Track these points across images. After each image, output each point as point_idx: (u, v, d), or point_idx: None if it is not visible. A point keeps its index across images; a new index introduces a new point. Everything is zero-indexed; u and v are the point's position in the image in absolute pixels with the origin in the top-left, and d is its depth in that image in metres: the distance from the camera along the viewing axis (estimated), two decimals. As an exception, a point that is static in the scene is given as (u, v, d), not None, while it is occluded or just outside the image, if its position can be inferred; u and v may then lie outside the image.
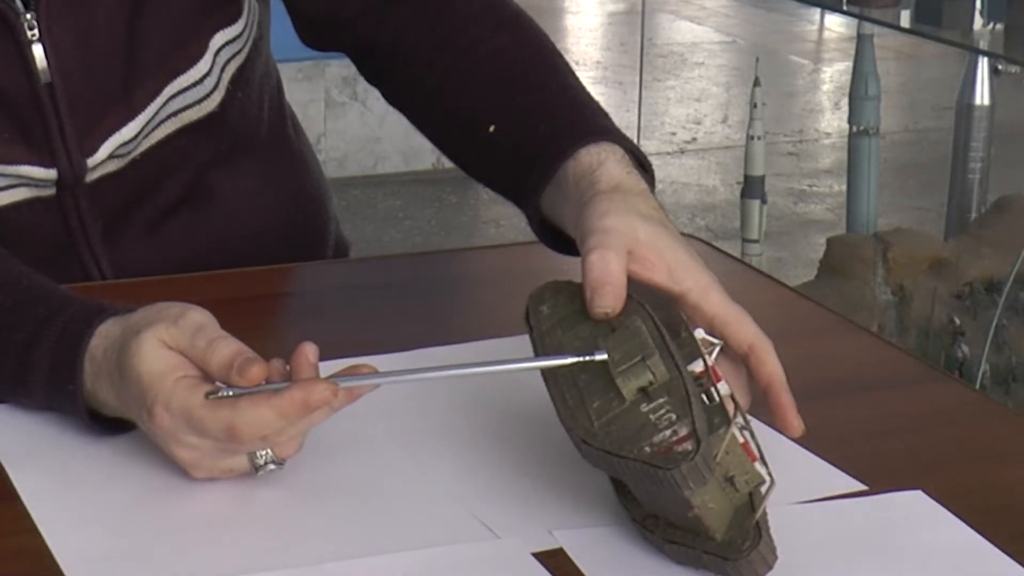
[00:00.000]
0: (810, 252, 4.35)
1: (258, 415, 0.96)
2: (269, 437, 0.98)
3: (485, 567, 0.94)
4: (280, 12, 1.39)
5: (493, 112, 1.25)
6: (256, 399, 0.96)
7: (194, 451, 0.99)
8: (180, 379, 0.98)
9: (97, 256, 1.30)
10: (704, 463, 0.89)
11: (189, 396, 0.97)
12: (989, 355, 3.08)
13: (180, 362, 0.99)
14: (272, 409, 0.96)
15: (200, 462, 0.99)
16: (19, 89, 1.23)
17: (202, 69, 1.29)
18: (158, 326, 1.00)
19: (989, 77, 3.67)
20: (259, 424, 0.96)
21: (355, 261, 1.54)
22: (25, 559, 0.93)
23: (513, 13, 1.31)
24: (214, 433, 0.97)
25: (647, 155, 1.19)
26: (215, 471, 1.00)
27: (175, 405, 0.97)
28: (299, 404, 0.96)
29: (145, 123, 1.27)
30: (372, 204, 4.73)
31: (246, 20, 1.32)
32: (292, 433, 0.99)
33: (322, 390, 0.96)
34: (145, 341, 0.99)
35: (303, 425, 0.98)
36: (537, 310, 1.03)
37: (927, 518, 0.99)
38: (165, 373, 0.98)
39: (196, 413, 0.97)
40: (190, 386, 0.98)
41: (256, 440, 0.97)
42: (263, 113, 1.40)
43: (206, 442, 0.98)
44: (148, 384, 0.98)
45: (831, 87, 6.26)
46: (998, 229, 3.49)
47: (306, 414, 0.97)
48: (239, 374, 0.96)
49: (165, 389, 0.98)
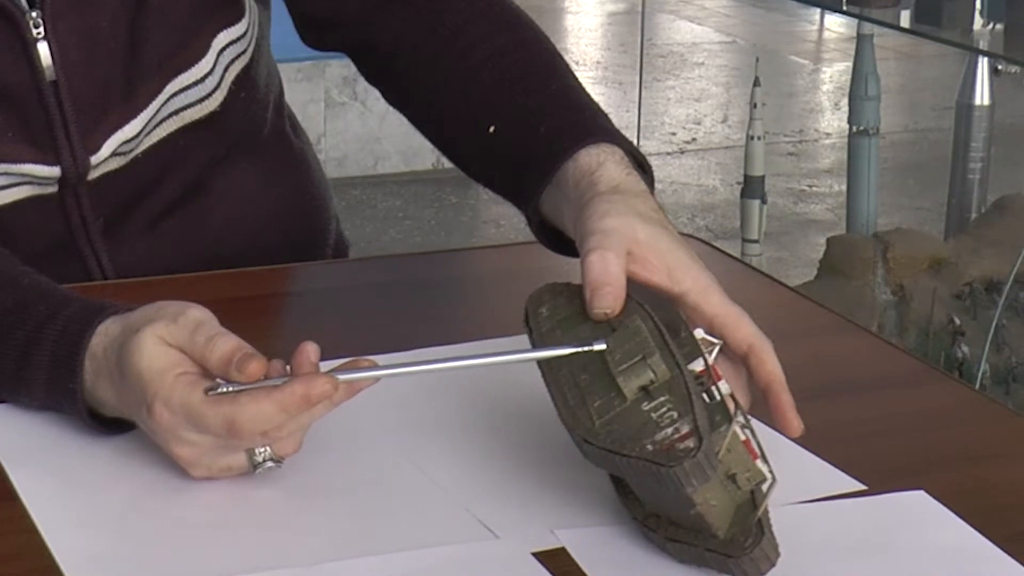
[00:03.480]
0: (810, 252, 4.35)
1: (259, 410, 0.96)
2: (269, 432, 0.97)
3: (485, 567, 0.93)
4: (280, 13, 1.39)
5: (493, 113, 1.25)
6: (256, 394, 0.96)
7: (194, 448, 0.99)
8: (180, 375, 0.98)
9: (97, 253, 1.30)
10: (706, 460, 0.89)
11: (189, 392, 0.97)
12: (989, 355, 3.08)
13: (180, 359, 0.99)
14: (273, 403, 0.96)
15: (199, 460, 0.99)
16: (24, 87, 1.23)
17: (204, 68, 1.29)
18: (157, 324, 1.00)
19: (989, 77, 3.67)
20: (260, 419, 0.96)
21: (355, 261, 1.54)
22: (25, 559, 0.93)
23: (514, 14, 1.32)
24: (214, 429, 0.97)
25: (647, 155, 1.19)
26: (214, 469, 1.00)
27: (175, 401, 0.97)
28: (299, 398, 0.96)
29: (147, 121, 1.28)
30: (372, 204, 4.73)
31: (248, 20, 1.32)
32: (292, 428, 0.98)
33: (322, 384, 0.96)
34: (144, 339, 0.99)
35: (304, 420, 0.98)
36: (536, 312, 1.02)
37: (930, 518, 0.99)
38: (165, 370, 0.98)
39: (196, 409, 0.97)
40: (190, 382, 0.98)
41: (256, 436, 0.97)
42: (266, 113, 1.40)
43: (206, 439, 0.98)
44: (148, 381, 0.98)
45: (831, 87, 6.27)
46: (998, 229, 3.49)
47: (307, 408, 0.97)
48: (238, 369, 0.96)
49: (165, 386, 0.98)
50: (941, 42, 3.76)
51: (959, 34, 3.41)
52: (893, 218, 4.44)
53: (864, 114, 3.77)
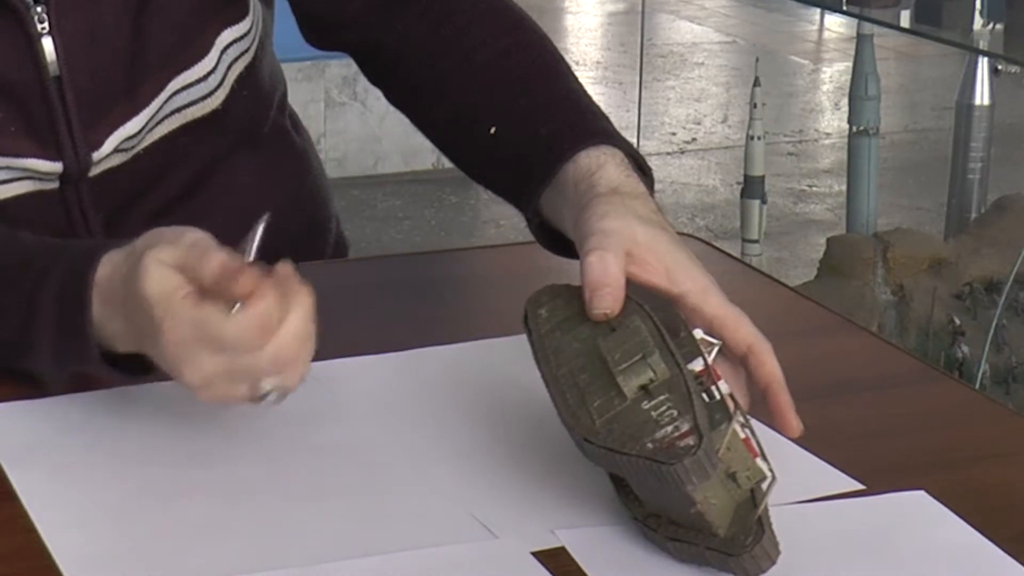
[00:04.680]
0: (810, 252, 4.35)
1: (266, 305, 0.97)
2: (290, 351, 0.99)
3: (484, 567, 0.93)
4: (280, 12, 1.39)
5: (494, 114, 1.25)
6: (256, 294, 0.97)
7: (204, 369, 0.99)
8: (187, 295, 0.99)
9: None
10: (706, 457, 0.89)
11: (197, 310, 0.98)
12: (989, 355, 3.08)
13: (184, 280, 1.00)
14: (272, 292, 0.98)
15: (210, 382, 0.99)
16: (28, 82, 1.23)
17: (207, 66, 1.30)
18: (158, 248, 1.01)
19: (989, 77, 3.67)
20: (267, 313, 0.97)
21: (355, 261, 1.54)
22: (23, 559, 0.93)
23: (516, 16, 1.32)
24: (231, 340, 0.97)
25: (647, 155, 1.19)
26: (221, 393, 1.00)
27: (185, 320, 0.98)
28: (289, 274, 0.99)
29: (149, 118, 1.28)
30: (372, 204, 4.73)
31: (252, 19, 1.33)
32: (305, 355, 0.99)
33: None
34: (147, 263, 1.00)
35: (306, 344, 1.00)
36: (536, 314, 1.03)
37: (931, 519, 0.99)
38: (171, 291, 0.99)
39: (208, 325, 0.97)
40: (195, 302, 0.98)
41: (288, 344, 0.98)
42: (269, 112, 1.40)
43: (218, 359, 0.98)
44: (155, 303, 0.99)
45: (831, 87, 6.27)
46: (998, 229, 3.49)
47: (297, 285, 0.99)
48: (232, 282, 0.97)
49: (173, 306, 0.98)
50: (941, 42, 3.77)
51: (959, 34, 3.41)
52: (893, 218, 4.44)
53: (864, 114, 3.77)
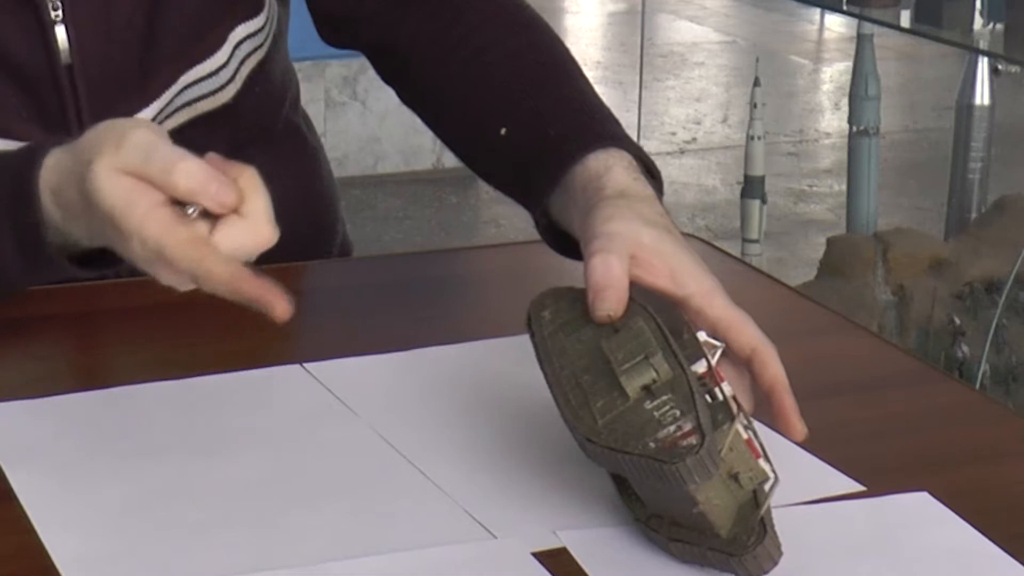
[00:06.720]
0: (810, 252, 4.35)
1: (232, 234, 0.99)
2: None
3: (485, 567, 0.93)
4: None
5: (504, 115, 1.25)
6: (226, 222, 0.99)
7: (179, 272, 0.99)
8: (147, 212, 0.98)
9: None
10: (709, 457, 0.89)
11: (162, 233, 0.98)
12: (989, 355, 3.08)
13: (140, 189, 0.99)
14: None
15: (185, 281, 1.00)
16: (40, 69, 1.24)
17: (219, 60, 1.30)
18: (104, 155, 1.00)
19: (989, 77, 3.67)
20: None
21: (355, 261, 1.54)
22: (22, 559, 0.93)
23: (529, 17, 1.32)
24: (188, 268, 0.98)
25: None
26: None
27: (150, 240, 0.98)
28: None
29: (159, 110, 1.28)
30: (372, 204, 4.73)
31: (266, 15, 1.33)
32: None
33: None
34: (100, 173, 1.00)
35: None
36: (539, 316, 1.02)
37: (933, 520, 0.99)
38: (130, 205, 0.99)
39: (168, 252, 0.98)
40: (160, 219, 0.98)
41: None
42: (281, 109, 1.41)
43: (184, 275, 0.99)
44: (119, 217, 0.99)
45: (831, 87, 6.27)
46: (998, 229, 3.49)
47: None
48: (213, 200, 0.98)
49: (135, 222, 0.98)
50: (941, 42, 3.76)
51: (959, 34, 3.41)
52: (893, 218, 4.44)
53: (864, 114, 3.77)
